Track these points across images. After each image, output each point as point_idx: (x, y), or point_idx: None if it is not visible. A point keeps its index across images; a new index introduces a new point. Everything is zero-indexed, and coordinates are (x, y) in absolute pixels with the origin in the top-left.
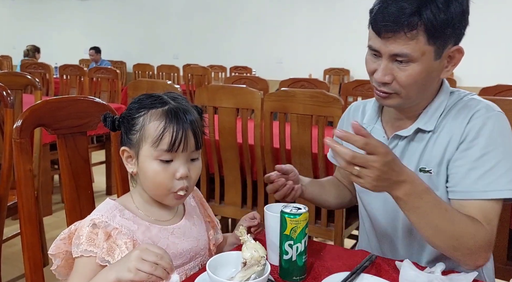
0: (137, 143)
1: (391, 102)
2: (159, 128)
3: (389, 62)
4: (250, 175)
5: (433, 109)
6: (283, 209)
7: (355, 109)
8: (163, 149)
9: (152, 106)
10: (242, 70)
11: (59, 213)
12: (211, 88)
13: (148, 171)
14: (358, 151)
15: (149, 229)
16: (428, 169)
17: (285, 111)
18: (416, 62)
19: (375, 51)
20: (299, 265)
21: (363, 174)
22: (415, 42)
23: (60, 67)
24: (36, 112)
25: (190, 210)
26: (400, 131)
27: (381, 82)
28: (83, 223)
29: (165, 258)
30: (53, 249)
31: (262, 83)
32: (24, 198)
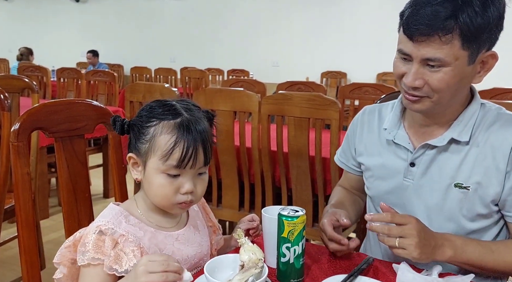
0: (145, 153)
1: (420, 107)
2: (170, 142)
3: (420, 67)
4: (248, 178)
5: (467, 118)
6: (281, 211)
7: (370, 113)
8: (172, 164)
9: (163, 117)
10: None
11: (56, 216)
12: (209, 91)
13: (153, 183)
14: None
15: (155, 235)
16: (465, 185)
17: (282, 114)
18: (448, 66)
19: (406, 55)
20: (297, 267)
21: (405, 244)
22: (449, 47)
23: (57, 70)
24: (34, 115)
25: (193, 215)
26: (432, 141)
27: (411, 87)
28: (89, 230)
29: (171, 263)
30: (58, 257)
31: (259, 86)
32: (21, 201)
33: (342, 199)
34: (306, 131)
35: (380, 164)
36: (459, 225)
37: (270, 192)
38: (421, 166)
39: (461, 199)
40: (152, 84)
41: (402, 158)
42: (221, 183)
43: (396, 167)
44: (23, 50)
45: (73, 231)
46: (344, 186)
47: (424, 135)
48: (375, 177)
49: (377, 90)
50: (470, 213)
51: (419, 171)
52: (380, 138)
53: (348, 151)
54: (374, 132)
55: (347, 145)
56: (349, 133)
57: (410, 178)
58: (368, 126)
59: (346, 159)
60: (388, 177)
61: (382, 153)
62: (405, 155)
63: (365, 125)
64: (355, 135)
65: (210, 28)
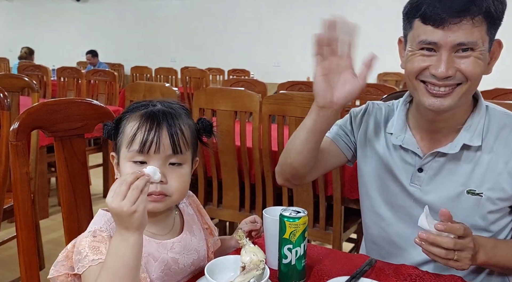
0: (119, 147)
1: (450, 102)
2: (133, 128)
3: (450, 54)
4: (248, 178)
5: (476, 122)
6: (282, 212)
7: (378, 108)
8: (135, 149)
9: (135, 110)
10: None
11: (56, 216)
12: (209, 91)
13: (122, 174)
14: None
15: (149, 243)
16: (478, 192)
17: (284, 114)
18: (477, 50)
19: (431, 45)
20: (298, 269)
21: (462, 257)
22: (479, 30)
23: (57, 69)
24: (33, 114)
25: (188, 219)
26: (443, 148)
27: (444, 77)
28: (81, 238)
29: (126, 180)
30: (52, 272)
31: (260, 86)
32: (20, 201)
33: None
34: None
35: (384, 169)
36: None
37: (271, 193)
38: (429, 171)
39: (474, 206)
40: (152, 84)
41: (409, 162)
42: (222, 183)
43: (401, 172)
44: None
45: (73, 231)
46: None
47: (433, 141)
48: (380, 181)
49: (378, 91)
50: (483, 219)
51: (427, 176)
52: (386, 142)
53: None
54: (379, 135)
55: (345, 121)
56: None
57: (417, 183)
58: (375, 125)
59: (335, 129)
60: (393, 182)
61: (387, 158)
62: (412, 160)
63: (370, 121)
64: (360, 121)
65: (211, 28)
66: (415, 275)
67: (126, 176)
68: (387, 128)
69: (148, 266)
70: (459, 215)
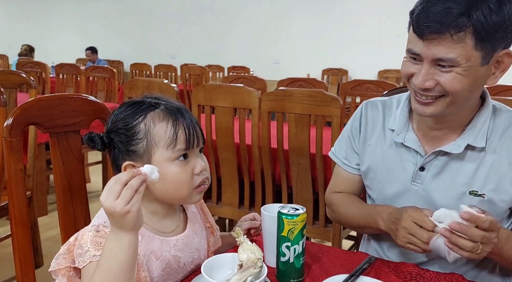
0: (146, 151)
1: (433, 110)
2: (169, 129)
3: (431, 67)
4: (248, 175)
5: (481, 122)
6: (280, 209)
7: (373, 107)
8: (181, 148)
9: (146, 111)
10: (240, 70)
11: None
12: (208, 87)
13: (168, 175)
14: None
15: (152, 240)
16: (481, 193)
17: (283, 111)
18: (460, 67)
19: (415, 55)
20: (297, 267)
21: (483, 250)
22: (461, 46)
23: (56, 66)
24: (28, 110)
25: (192, 217)
26: (445, 147)
27: (422, 88)
28: (83, 231)
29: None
30: (54, 265)
31: (260, 83)
32: (15, 198)
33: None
34: (307, 128)
35: (384, 166)
36: None
37: (270, 190)
38: (431, 170)
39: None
40: (151, 80)
41: (410, 161)
42: (221, 180)
43: (402, 170)
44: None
45: (69, 228)
46: (347, 191)
47: (435, 140)
48: (379, 180)
49: (378, 87)
50: None
51: (429, 175)
52: (385, 139)
53: (351, 150)
54: (378, 131)
55: (349, 143)
56: (351, 129)
57: (419, 182)
58: (372, 124)
59: (349, 159)
60: (394, 180)
61: (387, 155)
62: (414, 159)
63: (369, 123)
64: (358, 132)
65: (211, 25)
66: (415, 273)
67: (121, 174)
68: (388, 124)
69: (149, 264)
70: None
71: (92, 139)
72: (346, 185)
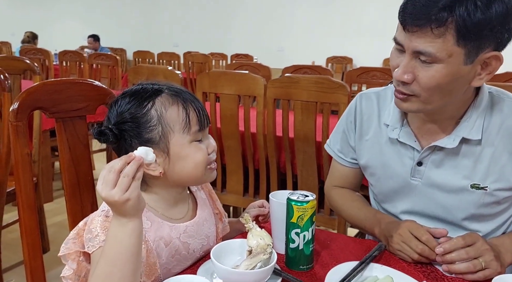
0: (162, 137)
1: (408, 106)
2: (181, 112)
3: (412, 60)
4: (252, 163)
5: (475, 114)
6: (290, 196)
7: (367, 100)
8: (196, 129)
9: (152, 97)
10: (243, 58)
11: (60, 200)
12: (213, 74)
13: (189, 157)
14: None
15: (162, 226)
16: (483, 186)
17: (289, 98)
18: (441, 63)
19: (400, 46)
20: (306, 253)
21: (487, 262)
22: (441, 41)
23: (59, 53)
24: (33, 94)
25: (201, 203)
26: (440, 142)
27: (400, 81)
28: (93, 216)
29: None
30: (63, 250)
31: (264, 70)
32: (22, 183)
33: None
34: (313, 116)
35: (382, 162)
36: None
37: (275, 178)
38: (429, 164)
39: (479, 199)
40: (155, 67)
41: (407, 156)
42: (226, 168)
43: (401, 166)
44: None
45: (76, 214)
46: (344, 186)
47: (430, 133)
48: (378, 176)
49: (385, 75)
50: (488, 210)
51: (427, 169)
52: (382, 134)
53: (346, 144)
54: (374, 126)
55: (345, 137)
56: (346, 123)
57: (418, 176)
58: (368, 118)
59: (345, 153)
60: (393, 175)
61: (384, 151)
62: (411, 154)
63: (364, 117)
64: (353, 126)
65: (214, 13)
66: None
67: (114, 161)
68: (383, 118)
69: (159, 250)
70: (463, 207)
71: (103, 133)
72: (343, 178)
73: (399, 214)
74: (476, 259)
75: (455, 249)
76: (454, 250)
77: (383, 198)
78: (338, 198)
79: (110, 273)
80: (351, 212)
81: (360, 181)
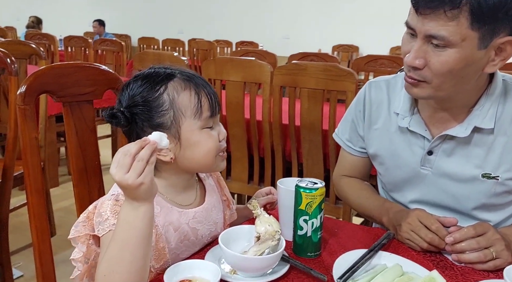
0: (173, 122)
1: (419, 92)
2: (193, 97)
3: (424, 44)
4: (257, 151)
5: (489, 102)
6: (299, 183)
7: (377, 88)
8: (208, 115)
9: (163, 82)
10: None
11: (66, 185)
12: (219, 60)
13: (199, 143)
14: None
15: (171, 212)
16: (494, 175)
17: (296, 85)
18: (454, 48)
19: (411, 30)
20: (314, 241)
21: (498, 252)
22: (455, 24)
23: (64, 38)
24: (41, 77)
25: (210, 190)
26: (452, 131)
27: (411, 66)
28: (103, 200)
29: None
30: (73, 233)
31: (270, 57)
32: (29, 166)
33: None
34: (320, 103)
35: (391, 152)
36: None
37: (280, 166)
38: (440, 154)
39: (490, 189)
40: (161, 53)
41: (418, 145)
42: (230, 156)
43: (411, 155)
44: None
45: (83, 198)
46: (352, 175)
47: (441, 122)
48: (387, 165)
49: (393, 63)
50: (499, 200)
51: (437, 159)
52: (391, 123)
53: (355, 133)
54: (383, 115)
55: (353, 126)
56: (355, 112)
57: (428, 166)
58: (377, 107)
59: (353, 142)
60: (402, 165)
61: (394, 140)
62: (421, 143)
63: (373, 106)
64: (362, 115)
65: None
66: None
67: (129, 145)
68: (393, 106)
69: (168, 235)
70: (474, 197)
71: (114, 116)
72: (351, 167)
73: (408, 204)
74: (487, 249)
75: (465, 239)
76: (465, 239)
77: (392, 187)
78: (347, 187)
79: (121, 257)
80: (359, 201)
81: (368, 170)
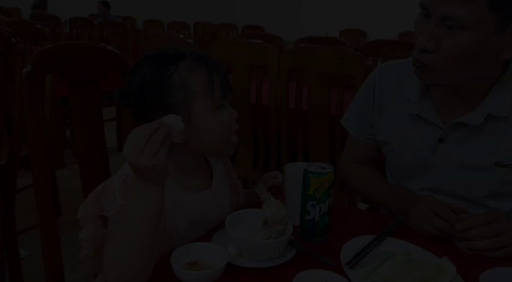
0: (185, 102)
1: (429, 77)
2: (204, 77)
3: (438, 26)
4: (263, 136)
5: (503, 90)
6: (307, 168)
7: (387, 74)
8: (219, 95)
9: (174, 61)
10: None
11: (71, 167)
12: (226, 43)
13: (211, 124)
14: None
15: (180, 195)
16: (507, 164)
17: (303, 69)
18: (469, 31)
19: (426, 10)
20: (322, 226)
21: (508, 240)
22: (472, 5)
23: (70, 20)
24: (47, 57)
25: (217, 174)
26: (465, 118)
27: (422, 49)
28: (112, 180)
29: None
30: (81, 212)
31: (277, 41)
32: (36, 146)
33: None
34: (328, 88)
35: (401, 139)
36: (498, 200)
37: (286, 152)
38: (451, 141)
39: (503, 177)
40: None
41: (429, 132)
42: None
43: (421, 142)
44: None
45: (89, 179)
46: (360, 161)
47: (453, 109)
48: (397, 152)
49: (403, 48)
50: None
51: (449, 147)
52: (402, 109)
53: (363, 119)
54: (393, 101)
55: (362, 112)
56: (364, 98)
57: (439, 154)
58: (387, 93)
59: (362, 128)
60: (412, 152)
61: (404, 127)
62: (432, 130)
63: (383, 92)
64: (372, 101)
65: None
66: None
67: (144, 126)
68: (404, 92)
69: (176, 218)
70: (485, 185)
71: (125, 96)
72: (360, 154)
73: (417, 191)
74: (498, 236)
75: (476, 226)
76: (475, 227)
77: (401, 174)
78: (355, 173)
79: (130, 238)
80: (367, 186)
81: (377, 156)
